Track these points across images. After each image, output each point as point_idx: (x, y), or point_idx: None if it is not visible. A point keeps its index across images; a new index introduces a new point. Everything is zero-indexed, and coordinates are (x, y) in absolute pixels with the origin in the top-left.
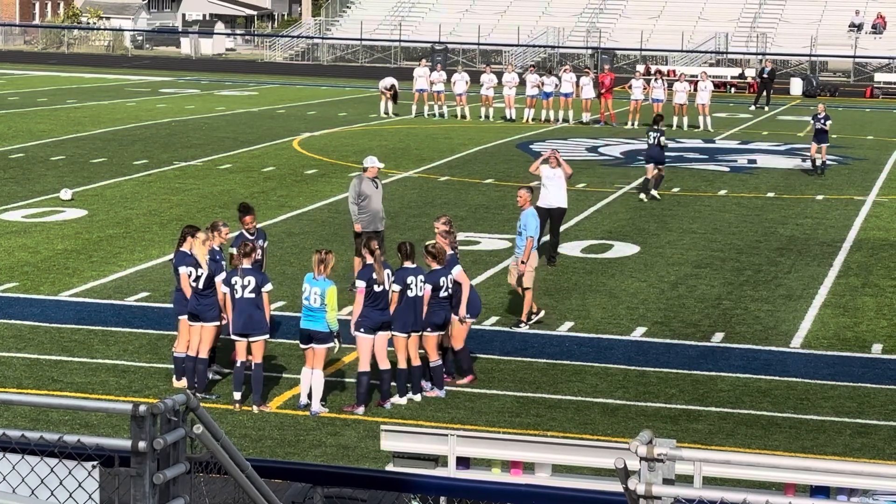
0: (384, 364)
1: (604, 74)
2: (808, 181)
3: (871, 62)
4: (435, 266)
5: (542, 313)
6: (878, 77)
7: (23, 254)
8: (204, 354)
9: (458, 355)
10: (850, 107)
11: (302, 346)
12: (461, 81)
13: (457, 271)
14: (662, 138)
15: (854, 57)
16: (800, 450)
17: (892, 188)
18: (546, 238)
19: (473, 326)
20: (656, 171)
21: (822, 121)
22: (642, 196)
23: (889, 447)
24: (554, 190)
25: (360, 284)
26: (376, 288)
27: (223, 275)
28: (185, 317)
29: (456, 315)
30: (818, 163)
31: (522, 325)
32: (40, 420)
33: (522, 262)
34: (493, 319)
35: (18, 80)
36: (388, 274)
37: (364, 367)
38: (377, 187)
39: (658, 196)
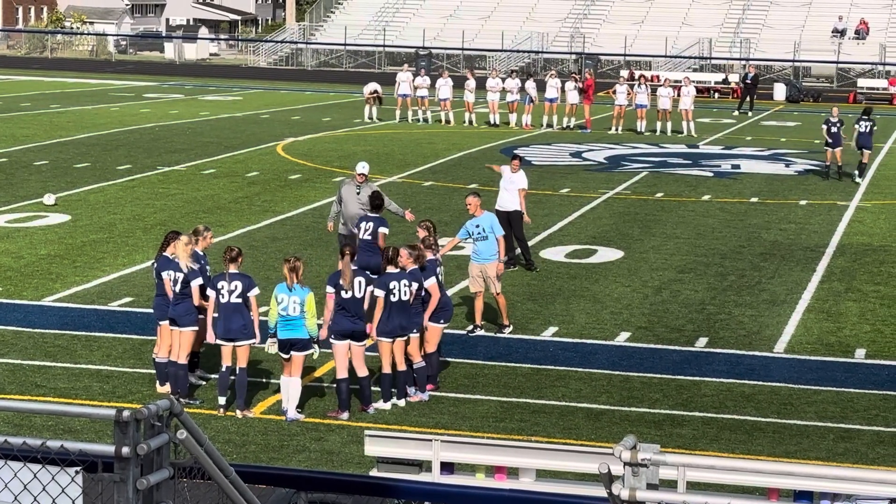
0: (362, 371)
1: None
2: (792, 186)
3: (854, 68)
4: (410, 266)
5: (481, 330)
6: (861, 82)
7: (6, 259)
8: (183, 360)
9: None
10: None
11: (283, 355)
12: (445, 87)
13: (429, 283)
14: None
15: (837, 62)
16: (783, 454)
17: (875, 193)
18: (517, 251)
19: (457, 332)
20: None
21: (838, 126)
22: (858, 179)
23: (872, 452)
24: (511, 194)
25: (329, 290)
26: (344, 294)
27: (200, 279)
28: (166, 322)
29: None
30: (834, 168)
31: (507, 329)
32: (23, 425)
33: (501, 262)
34: (470, 326)
35: (1, 85)
36: (359, 282)
37: (342, 373)
38: (358, 193)
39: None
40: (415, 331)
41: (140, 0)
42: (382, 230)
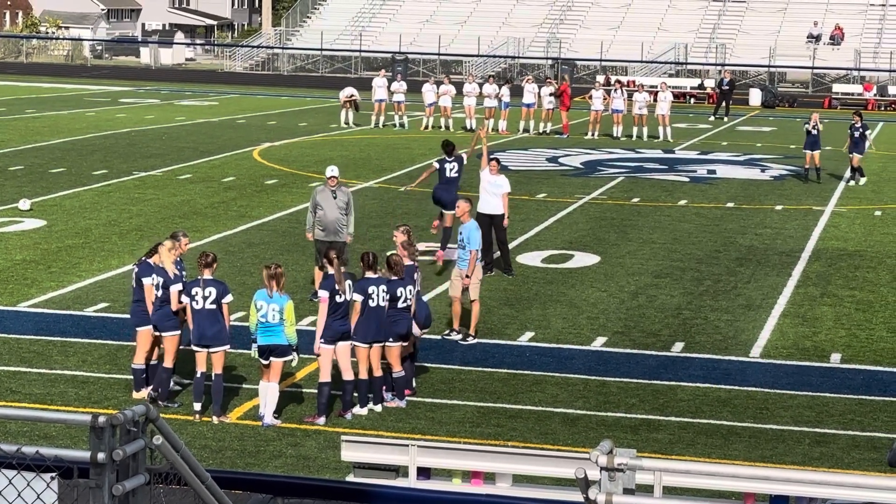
0: (347, 375)
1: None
2: (768, 191)
3: (829, 73)
4: (392, 277)
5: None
6: (836, 88)
7: None
8: (168, 363)
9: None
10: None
11: (263, 361)
12: (430, 92)
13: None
14: (867, 132)
15: (812, 68)
16: (759, 459)
17: (850, 198)
18: (497, 254)
19: (434, 337)
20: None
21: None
22: (853, 182)
23: (847, 456)
24: (494, 197)
25: (324, 295)
26: (338, 298)
27: (179, 285)
28: (146, 328)
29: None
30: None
31: (470, 338)
32: None
33: (467, 276)
34: (448, 329)
35: None
36: (349, 284)
37: (325, 377)
38: (335, 197)
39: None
40: (391, 339)
41: (116, 5)
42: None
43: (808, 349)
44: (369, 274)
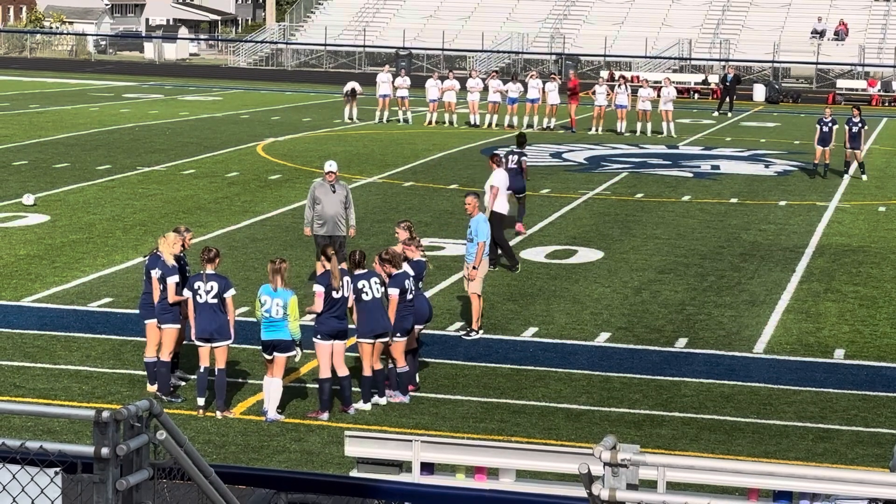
0: (342, 371)
1: (572, 80)
2: (772, 187)
3: (833, 68)
4: (393, 271)
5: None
6: (841, 83)
7: None
8: (164, 357)
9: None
10: (812, 113)
11: (266, 356)
12: (433, 88)
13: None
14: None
15: (816, 63)
16: (763, 455)
17: (854, 194)
18: (500, 252)
19: (437, 332)
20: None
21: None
22: (847, 175)
23: (851, 452)
24: (491, 195)
25: (318, 289)
26: (334, 294)
27: (176, 276)
28: (153, 321)
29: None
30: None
31: (474, 333)
32: (2, 426)
33: (474, 268)
34: (457, 325)
35: None
36: (347, 281)
37: (325, 373)
38: (334, 192)
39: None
40: (398, 335)
41: (120, 0)
42: (524, 160)
43: (811, 345)
44: (358, 271)
